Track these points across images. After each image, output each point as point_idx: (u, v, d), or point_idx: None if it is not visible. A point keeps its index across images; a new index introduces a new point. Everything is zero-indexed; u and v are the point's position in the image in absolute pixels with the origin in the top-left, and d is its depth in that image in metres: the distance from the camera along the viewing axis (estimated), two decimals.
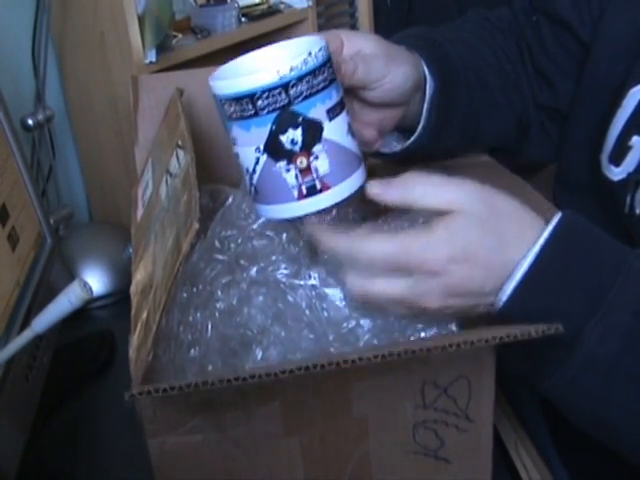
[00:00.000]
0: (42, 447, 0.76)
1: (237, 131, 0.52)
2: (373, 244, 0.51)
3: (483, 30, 0.80)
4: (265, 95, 0.50)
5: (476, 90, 0.73)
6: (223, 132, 0.55)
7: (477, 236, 0.51)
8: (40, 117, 1.07)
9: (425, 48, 0.68)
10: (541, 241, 0.51)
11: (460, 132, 0.73)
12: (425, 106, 0.67)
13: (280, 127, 0.51)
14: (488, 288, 0.52)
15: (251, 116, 0.50)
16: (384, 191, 0.52)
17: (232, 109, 0.51)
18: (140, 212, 0.68)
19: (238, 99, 0.50)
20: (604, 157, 0.67)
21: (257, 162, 0.52)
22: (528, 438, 0.74)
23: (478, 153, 0.78)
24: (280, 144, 0.51)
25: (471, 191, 0.52)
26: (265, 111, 0.50)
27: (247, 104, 0.50)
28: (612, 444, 0.55)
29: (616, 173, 0.65)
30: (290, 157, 0.51)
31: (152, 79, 0.79)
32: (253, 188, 0.53)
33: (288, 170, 0.51)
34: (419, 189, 0.52)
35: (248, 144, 0.52)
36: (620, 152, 0.65)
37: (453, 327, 0.60)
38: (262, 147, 0.51)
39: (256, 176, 0.52)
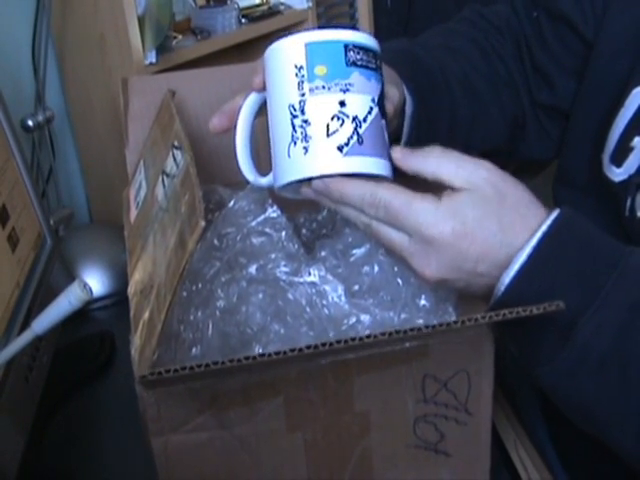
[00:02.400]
0: (42, 447, 0.76)
1: (358, 77, 0.55)
2: (385, 191, 0.53)
3: (476, 30, 0.80)
4: (379, 61, 0.57)
5: (462, 99, 0.73)
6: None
7: (479, 215, 0.52)
8: (40, 118, 1.07)
9: (404, 64, 0.68)
10: (539, 234, 0.52)
11: (447, 143, 0.73)
12: (405, 124, 0.68)
13: (383, 92, 0.57)
14: (481, 269, 0.53)
15: (374, 69, 0.56)
16: (404, 157, 0.55)
17: (359, 56, 0.55)
18: (133, 213, 0.67)
19: (368, 50, 0.56)
20: (605, 157, 0.67)
21: (370, 112, 0.55)
22: (528, 439, 0.74)
23: None
24: (384, 106, 0.57)
25: (483, 172, 0.53)
26: (380, 71, 0.57)
27: (373, 57, 0.56)
28: (599, 435, 0.55)
29: (617, 174, 0.65)
30: (387, 120, 0.57)
31: (142, 81, 0.78)
32: (357, 137, 0.54)
33: (387, 130, 0.57)
34: (434, 161, 0.54)
35: (366, 92, 0.55)
36: (622, 152, 0.65)
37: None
38: (377, 99, 0.56)
39: (366, 125, 0.55)
